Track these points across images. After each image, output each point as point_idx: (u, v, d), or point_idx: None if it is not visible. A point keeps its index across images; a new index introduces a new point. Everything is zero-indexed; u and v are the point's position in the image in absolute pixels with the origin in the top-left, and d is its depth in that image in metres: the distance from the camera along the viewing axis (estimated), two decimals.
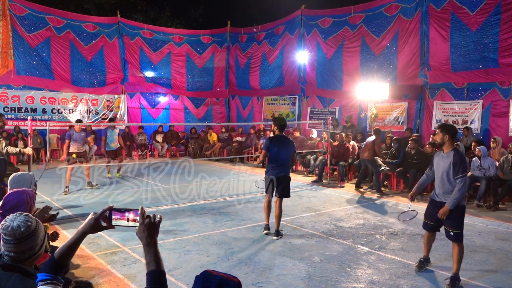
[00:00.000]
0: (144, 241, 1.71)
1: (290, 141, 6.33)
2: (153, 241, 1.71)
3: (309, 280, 4.56)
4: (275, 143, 6.12)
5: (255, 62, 17.50)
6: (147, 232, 1.72)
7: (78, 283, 2.92)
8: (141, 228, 1.73)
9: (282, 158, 6.15)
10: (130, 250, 5.41)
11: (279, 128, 6.24)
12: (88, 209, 7.72)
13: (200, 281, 1.45)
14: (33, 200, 3.20)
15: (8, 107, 14.36)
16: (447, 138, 4.56)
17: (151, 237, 1.71)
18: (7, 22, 14.15)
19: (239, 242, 5.85)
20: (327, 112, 14.46)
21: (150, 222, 1.73)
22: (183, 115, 18.13)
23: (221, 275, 1.46)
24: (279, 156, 6.12)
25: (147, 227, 1.72)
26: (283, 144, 6.14)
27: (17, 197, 3.09)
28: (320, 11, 14.81)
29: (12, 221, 2.07)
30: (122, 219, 1.81)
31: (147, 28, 17.49)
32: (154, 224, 1.74)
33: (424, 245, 5.04)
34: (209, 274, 1.47)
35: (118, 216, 1.82)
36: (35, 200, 3.26)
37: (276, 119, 6.42)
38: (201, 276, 1.47)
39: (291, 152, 6.23)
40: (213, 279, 1.44)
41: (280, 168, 6.15)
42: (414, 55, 11.97)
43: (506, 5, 9.95)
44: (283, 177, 6.17)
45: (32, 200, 3.18)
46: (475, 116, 10.63)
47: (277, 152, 6.10)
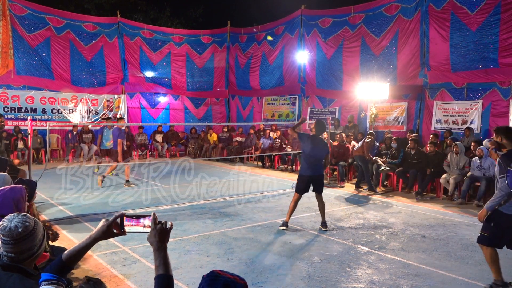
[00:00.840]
0: (154, 246, 1.77)
1: (324, 143, 6.78)
2: (163, 246, 1.77)
3: (309, 280, 4.56)
4: (308, 139, 6.52)
5: (255, 62, 17.50)
6: (158, 237, 1.77)
7: (90, 278, 2.94)
8: (152, 233, 1.79)
9: (317, 157, 6.51)
10: (130, 250, 5.41)
11: (316, 129, 6.61)
12: (88, 209, 7.73)
13: (206, 282, 1.45)
14: (22, 196, 3.17)
15: (8, 107, 14.35)
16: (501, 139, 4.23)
17: (162, 242, 1.77)
18: (7, 22, 14.15)
19: (239, 242, 5.85)
20: (327, 112, 14.46)
21: (161, 227, 1.79)
22: (183, 115, 18.13)
23: (227, 276, 1.46)
24: (313, 155, 6.47)
25: (158, 232, 1.78)
26: (316, 144, 6.49)
27: (2, 195, 3.07)
28: (320, 11, 14.81)
29: (9, 221, 2.07)
30: (134, 226, 1.86)
31: (147, 28, 17.49)
32: (166, 230, 1.80)
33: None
34: (216, 275, 1.47)
35: (130, 222, 1.86)
36: (25, 198, 3.23)
37: (317, 121, 6.83)
38: (208, 276, 1.48)
39: (324, 153, 6.61)
40: (219, 280, 1.44)
41: (315, 168, 6.52)
42: (414, 55, 11.97)
43: (505, 5, 9.94)
44: (318, 176, 6.56)
45: (21, 197, 3.15)
46: (475, 116, 10.63)
47: (310, 150, 6.45)
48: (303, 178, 6.58)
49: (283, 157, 13.50)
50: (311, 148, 6.45)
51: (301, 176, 6.63)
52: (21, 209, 3.08)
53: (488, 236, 4.23)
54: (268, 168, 13.71)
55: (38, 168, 10.67)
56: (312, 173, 6.51)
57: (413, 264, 5.09)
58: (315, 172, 6.52)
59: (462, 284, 4.56)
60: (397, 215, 7.72)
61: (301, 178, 6.60)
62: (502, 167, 4.03)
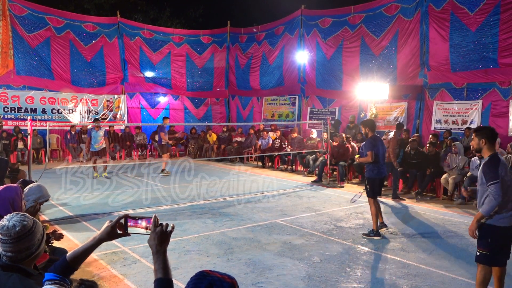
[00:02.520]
0: (153, 249, 1.74)
1: (381, 140, 6.73)
2: (162, 250, 1.74)
3: (309, 280, 4.56)
4: (377, 142, 6.39)
5: (255, 62, 17.50)
6: (157, 240, 1.75)
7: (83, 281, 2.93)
8: (152, 236, 1.76)
9: (384, 157, 6.55)
10: (130, 250, 5.42)
11: (371, 129, 6.47)
12: (88, 209, 7.73)
13: (192, 281, 1.44)
14: (17, 195, 3.18)
15: (8, 107, 14.36)
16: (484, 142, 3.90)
17: (161, 245, 1.74)
18: (7, 22, 14.15)
19: (239, 242, 5.85)
20: (327, 112, 14.46)
21: (161, 230, 1.77)
22: (183, 115, 18.13)
23: (215, 275, 1.44)
24: (383, 155, 6.44)
25: (157, 235, 1.76)
26: (382, 143, 6.51)
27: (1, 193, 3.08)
28: (320, 11, 14.81)
29: (8, 220, 2.07)
30: (137, 227, 1.84)
31: (147, 28, 17.49)
32: (165, 233, 1.77)
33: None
34: (204, 274, 1.46)
35: (134, 223, 1.85)
36: (21, 196, 3.23)
37: (367, 121, 6.73)
38: (195, 276, 1.46)
39: (385, 150, 6.63)
40: (205, 279, 1.42)
41: (384, 167, 6.49)
42: (413, 55, 11.97)
43: (505, 5, 9.95)
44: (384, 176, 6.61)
45: (17, 195, 3.16)
46: (475, 116, 10.63)
47: (381, 151, 6.40)
48: (374, 179, 6.37)
49: (282, 157, 13.51)
50: (381, 148, 6.42)
51: (372, 179, 6.38)
52: (17, 208, 3.08)
53: (489, 254, 3.87)
54: (268, 168, 13.72)
55: (38, 168, 10.67)
56: (384, 174, 6.52)
57: (413, 264, 5.09)
58: (384, 172, 6.55)
59: (462, 284, 4.56)
60: (397, 215, 7.72)
61: (373, 180, 6.37)
62: (495, 173, 3.68)
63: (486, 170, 3.76)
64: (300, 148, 13.01)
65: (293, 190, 10.07)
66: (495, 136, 3.92)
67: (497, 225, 3.79)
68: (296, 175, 12.44)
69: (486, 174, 3.74)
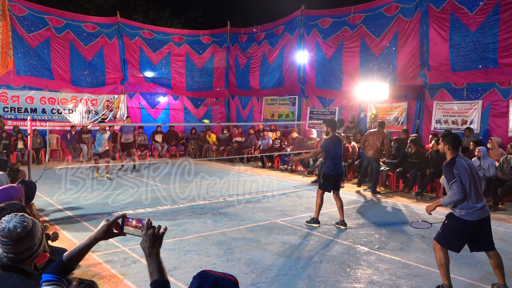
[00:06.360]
0: (146, 251, 1.74)
1: (341, 140, 7.12)
2: (155, 252, 1.73)
3: (309, 280, 4.56)
4: (337, 142, 6.80)
5: (255, 62, 17.50)
6: (149, 243, 1.74)
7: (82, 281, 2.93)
8: (144, 239, 1.76)
9: (341, 156, 6.93)
10: (129, 250, 5.41)
11: (333, 129, 6.87)
12: (88, 209, 7.72)
13: (195, 281, 1.45)
14: (21, 194, 3.19)
15: (8, 107, 14.35)
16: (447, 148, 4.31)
17: (153, 248, 1.74)
18: (7, 22, 14.15)
19: (239, 242, 5.85)
20: (327, 112, 14.47)
21: (153, 233, 1.76)
22: (182, 115, 18.13)
23: (217, 274, 1.46)
24: (339, 154, 6.86)
25: (149, 238, 1.75)
26: (340, 143, 6.94)
27: (5, 193, 3.09)
28: (319, 11, 14.81)
29: (8, 222, 2.05)
30: (134, 228, 1.84)
31: (147, 28, 17.49)
32: (157, 235, 1.77)
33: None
34: (206, 273, 1.47)
35: (131, 224, 1.85)
36: (23, 195, 3.25)
37: (330, 121, 7.08)
38: (197, 276, 1.48)
39: (342, 149, 7.07)
40: (208, 278, 1.44)
41: (340, 165, 6.89)
42: (413, 55, 11.97)
43: (505, 5, 9.95)
44: (341, 173, 7.05)
45: (21, 194, 3.17)
46: (475, 117, 10.63)
47: (338, 150, 6.84)
48: (330, 176, 6.79)
49: (282, 157, 13.51)
50: (336, 148, 6.79)
51: (327, 175, 6.80)
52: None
53: (442, 234, 4.36)
54: (268, 168, 13.72)
55: (38, 168, 10.67)
56: (339, 170, 6.86)
57: (413, 264, 5.09)
58: (340, 169, 6.89)
59: (462, 284, 4.57)
60: (397, 215, 7.72)
61: (328, 176, 6.80)
62: (452, 173, 4.13)
63: (444, 171, 4.25)
64: (300, 148, 13.01)
65: (293, 190, 10.07)
66: (459, 142, 4.38)
67: (457, 216, 4.23)
68: (296, 175, 12.44)
69: (445, 175, 4.24)
